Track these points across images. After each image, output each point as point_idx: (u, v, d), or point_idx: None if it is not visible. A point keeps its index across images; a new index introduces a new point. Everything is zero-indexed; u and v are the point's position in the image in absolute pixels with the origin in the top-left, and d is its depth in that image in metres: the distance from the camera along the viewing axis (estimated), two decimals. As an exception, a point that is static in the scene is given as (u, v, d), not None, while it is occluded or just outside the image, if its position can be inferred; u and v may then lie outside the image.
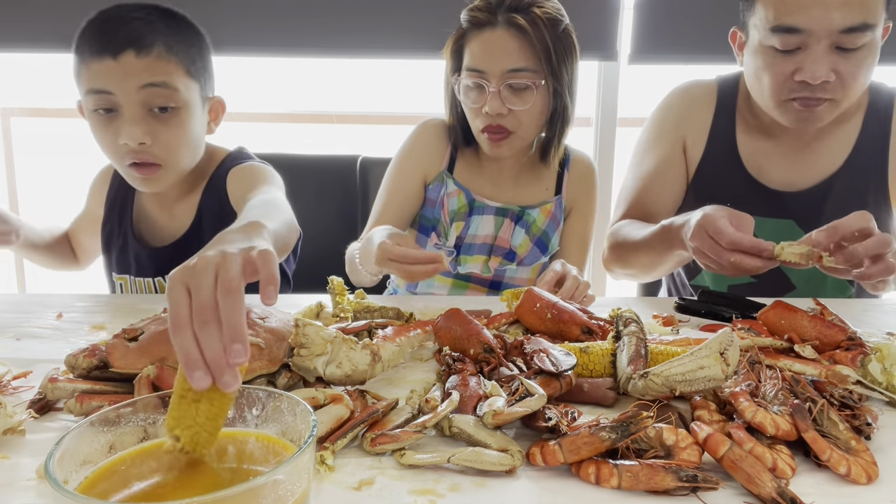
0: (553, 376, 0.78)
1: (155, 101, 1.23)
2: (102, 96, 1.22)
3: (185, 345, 0.55)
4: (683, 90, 1.51)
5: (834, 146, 1.41)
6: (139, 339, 0.82)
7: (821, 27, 1.17)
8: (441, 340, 0.95)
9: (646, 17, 2.19)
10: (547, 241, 1.50)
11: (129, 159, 1.26)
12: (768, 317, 1.00)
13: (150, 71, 1.22)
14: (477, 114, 1.38)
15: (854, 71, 1.20)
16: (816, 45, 1.19)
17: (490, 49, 1.33)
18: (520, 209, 1.50)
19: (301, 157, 1.85)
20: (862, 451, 0.69)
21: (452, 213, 1.49)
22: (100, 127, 1.26)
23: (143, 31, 1.22)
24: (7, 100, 3.10)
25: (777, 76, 1.24)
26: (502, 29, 1.32)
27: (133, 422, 0.57)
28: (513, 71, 1.32)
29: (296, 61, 2.68)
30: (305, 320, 0.82)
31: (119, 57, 1.20)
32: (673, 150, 1.48)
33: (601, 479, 0.65)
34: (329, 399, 0.74)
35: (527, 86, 1.33)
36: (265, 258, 0.63)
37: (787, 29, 1.20)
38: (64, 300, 1.28)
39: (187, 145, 1.30)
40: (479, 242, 1.49)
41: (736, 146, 1.44)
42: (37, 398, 0.81)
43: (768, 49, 1.24)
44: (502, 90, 1.33)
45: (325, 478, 0.67)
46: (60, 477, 0.48)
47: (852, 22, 1.16)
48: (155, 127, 1.24)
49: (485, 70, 1.33)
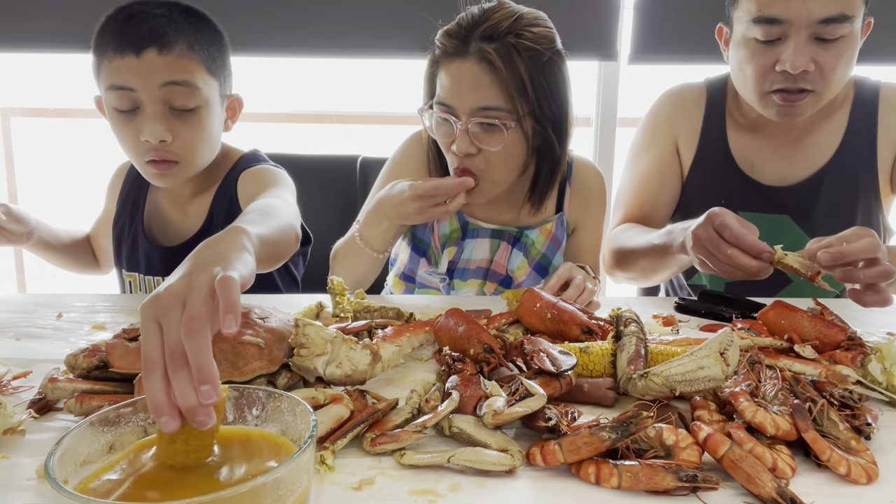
0: (553, 376, 0.78)
1: (176, 99, 1.23)
2: (124, 93, 1.22)
3: (151, 391, 0.55)
4: (674, 93, 1.55)
5: (822, 140, 1.43)
6: (139, 339, 0.82)
7: (800, 17, 1.22)
8: (441, 340, 0.95)
9: (646, 17, 2.19)
10: (547, 264, 1.39)
11: (149, 156, 1.26)
12: (768, 317, 1.00)
13: (172, 69, 1.22)
14: (447, 150, 1.26)
15: (833, 62, 1.25)
16: (796, 35, 1.23)
17: (459, 83, 1.18)
18: (517, 230, 1.38)
19: (301, 157, 1.85)
20: (862, 451, 0.69)
21: (444, 238, 1.39)
22: (120, 123, 1.26)
23: (165, 28, 1.22)
24: (7, 100, 3.10)
25: (759, 67, 1.28)
26: (472, 61, 1.17)
27: (133, 422, 0.57)
28: (483, 109, 1.17)
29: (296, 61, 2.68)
30: (305, 320, 0.82)
31: (142, 54, 1.20)
32: (667, 149, 1.51)
33: (601, 479, 0.65)
34: (329, 399, 0.74)
35: (497, 126, 1.18)
36: (225, 286, 0.60)
37: (768, 20, 1.24)
38: (64, 300, 1.28)
39: (206, 143, 1.31)
40: (474, 267, 1.39)
41: (727, 144, 1.47)
42: (37, 398, 0.81)
43: (751, 41, 1.28)
44: (471, 128, 1.19)
45: (325, 478, 0.67)
46: (60, 477, 0.48)
47: (830, 12, 1.21)
48: (175, 125, 1.24)
49: (453, 105, 1.19)
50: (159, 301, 0.59)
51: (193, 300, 0.59)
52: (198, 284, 0.60)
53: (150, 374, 0.56)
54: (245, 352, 0.81)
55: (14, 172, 3.10)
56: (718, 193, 1.47)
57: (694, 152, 1.50)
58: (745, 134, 1.46)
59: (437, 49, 1.23)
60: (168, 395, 0.55)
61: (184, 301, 0.59)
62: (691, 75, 1.55)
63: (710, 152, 1.49)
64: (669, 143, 1.51)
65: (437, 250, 1.39)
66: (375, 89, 3.02)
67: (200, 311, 0.58)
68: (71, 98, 2.98)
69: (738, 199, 1.44)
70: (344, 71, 1.63)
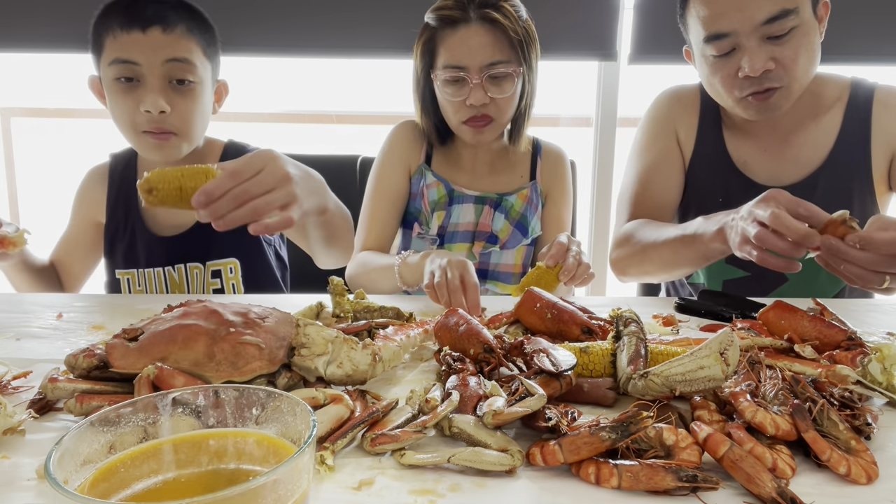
0: (553, 376, 0.78)
1: (176, 74, 1.33)
2: (128, 66, 1.31)
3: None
4: (671, 93, 1.58)
5: (813, 140, 1.44)
6: (139, 339, 0.82)
7: (744, 26, 1.26)
8: (441, 340, 0.95)
9: (646, 17, 2.19)
10: (526, 223, 1.56)
11: (147, 127, 1.33)
12: (768, 317, 1.00)
13: (174, 47, 1.32)
14: (459, 107, 1.44)
15: (792, 54, 1.27)
16: (747, 41, 1.27)
17: (468, 45, 1.39)
18: (497, 196, 1.56)
19: (301, 157, 1.84)
20: (862, 451, 0.69)
21: (433, 204, 1.56)
22: (120, 95, 1.34)
23: (168, 11, 1.32)
24: (7, 100, 3.10)
25: (725, 79, 1.33)
26: (476, 24, 1.39)
27: (133, 422, 0.57)
28: (492, 64, 1.39)
29: (296, 61, 2.69)
30: (306, 320, 0.82)
31: (147, 31, 1.31)
32: (670, 144, 1.53)
33: (601, 479, 0.65)
34: (329, 399, 0.74)
35: (507, 74, 1.41)
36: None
37: (716, 36, 1.29)
38: (64, 300, 1.28)
39: (200, 118, 1.40)
40: (462, 230, 1.56)
41: (724, 143, 1.50)
42: (37, 398, 0.81)
43: (709, 57, 1.33)
44: (484, 82, 1.40)
45: (325, 478, 0.67)
46: (60, 477, 0.48)
47: (770, 13, 1.24)
48: (174, 98, 1.34)
49: (465, 65, 1.39)
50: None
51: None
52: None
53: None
54: (245, 352, 0.81)
55: (14, 172, 3.10)
56: (717, 191, 1.48)
57: (692, 150, 1.52)
58: (737, 133, 1.49)
59: (436, 21, 1.42)
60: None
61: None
62: (691, 75, 1.55)
63: (708, 151, 1.50)
64: (672, 138, 1.54)
65: (428, 214, 1.56)
66: (375, 89, 3.02)
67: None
68: (71, 98, 2.98)
69: (736, 197, 1.44)
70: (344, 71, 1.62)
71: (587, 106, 2.48)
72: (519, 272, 1.59)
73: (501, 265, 1.57)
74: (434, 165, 1.58)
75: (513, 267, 1.58)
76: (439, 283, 1.15)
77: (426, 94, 1.51)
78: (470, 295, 1.14)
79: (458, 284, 1.14)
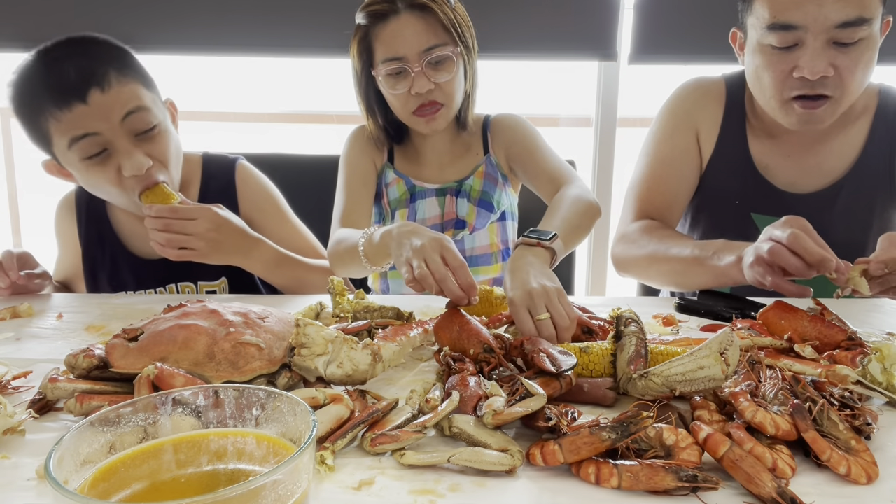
0: (553, 376, 0.78)
1: (138, 126, 1.24)
2: (91, 139, 1.21)
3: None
4: (695, 84, 1.50)
5: (838, 149, 1.40)
6: (139, 340, 0.82)
7: (816, 23, 1.18)
8: (441, 340, 0.95)
9: (646, 17, 2.19)
10: (489, 199, 1.55)
11: (135, 188, 1.26)
12: (768, 317, 1.00)
13: (121, 101, 1.22)
14: (406, 99, 1.42)
15: (852, 66, 1.21)
16: (813, 41, 1.19)
17: (402, 35, 1.38)
18: (457, 183, 1.56)
19: (301, 157, 1.85)
20: (862, 451, 0.69)
21: (395, 202, 1.55)
22: (96, 170, 1.25)
23: (89, 65, 1.20)
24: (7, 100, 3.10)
25: (777, 74, 1.25)
26: (406, 14, 1.38)
27: (133, 422, 0.57)
28: (429, 49, 1.38)
29: (296, 61, 2.69)
30: (306, 320, 0.82)
31: (88, 98, 1.19)
32: (688, 139, 1.47)
33: (601, 479, 0.65)
34: (329, 399, 0.74)
35: (446, 57, 1.39)
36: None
37: (783, 26, 1.20)
38: (64, 300, 1.28)
39: (177, 152, 1.34)
40: (430, 224, 1.55)
41: (746, 142, 1.44)
42: (37, 398, 0.81)
43: (766, 47, 1.24)
44: (425, 68, 1.39)
45: (325, 478, 0.67)
46: (60, 477, 0.48)
47: (847, 16, 1.17)
48: (148, 148, 1.26)
49: (403, 55, 1.38)
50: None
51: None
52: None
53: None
54: (245, 352, 0.81)
55: (14, 172, 3.10)
56: (734, 193, 1.44)
57: (712, 149, 1.46)
58: (761, 135, 1.43)
59: (366, 19, 1.41)
60: None
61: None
62: (691, 76, 1.53)
63: (729, 150, 1.44)
64: (692, 134, 1.47)
65: (388, 213, 1.56)
66: (375, 89, 3.02)
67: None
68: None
69: (754, 200, 1.41)
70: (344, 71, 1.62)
71: (587, 106, 2.48)
72: (498, 250, 1.56)
73: (477, 248, 1.55)
74: (396, 164, 1.58)
75: (489, 247, 1.55)
76: (421, 273, 1.01)
77: (370, 94, 1.50)
78: (460, 276, 1.00)
79: (444, 270, 1.00)
